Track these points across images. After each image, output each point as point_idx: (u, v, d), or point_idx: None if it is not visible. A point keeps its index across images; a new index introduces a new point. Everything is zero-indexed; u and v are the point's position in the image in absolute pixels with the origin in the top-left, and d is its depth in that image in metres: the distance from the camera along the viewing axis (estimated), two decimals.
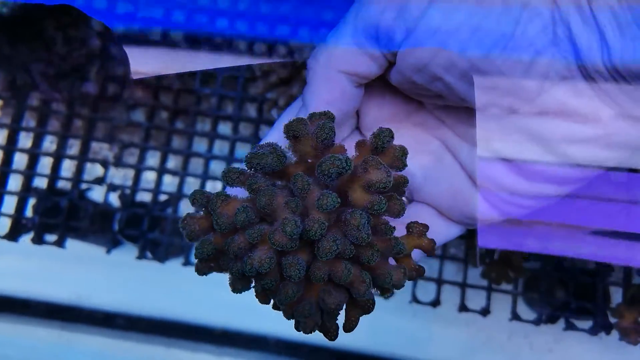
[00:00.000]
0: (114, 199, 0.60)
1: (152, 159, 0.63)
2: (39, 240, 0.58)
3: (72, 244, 0.58)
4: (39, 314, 0.59)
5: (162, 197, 0.60)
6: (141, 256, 0.57)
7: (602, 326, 0.52)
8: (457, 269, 0.59)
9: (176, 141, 0.63)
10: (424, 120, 0.32)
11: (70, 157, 0.61)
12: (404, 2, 0.26)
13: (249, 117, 0.62)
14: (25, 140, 0.62)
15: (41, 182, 0.61)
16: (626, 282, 0.54)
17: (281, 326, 0.61)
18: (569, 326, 0.54)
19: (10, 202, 0.59)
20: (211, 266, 0.25)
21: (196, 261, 0.25)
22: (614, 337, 0.51)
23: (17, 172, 0.60)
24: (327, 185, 0.23)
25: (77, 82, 0.59)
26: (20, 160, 0.62)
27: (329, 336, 0.25)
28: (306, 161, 0.24)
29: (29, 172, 0.61)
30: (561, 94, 0.24)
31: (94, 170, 0.62)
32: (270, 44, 0.54)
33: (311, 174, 0.24)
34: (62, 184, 0.62)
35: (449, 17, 0.25)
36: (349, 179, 0.24)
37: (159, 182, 0.60)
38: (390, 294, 0.26)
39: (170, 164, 0.62)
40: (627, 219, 0.35)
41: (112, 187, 0.60)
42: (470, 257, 0.57)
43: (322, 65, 0.28)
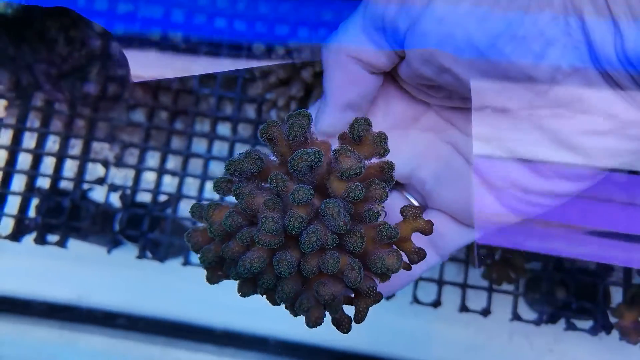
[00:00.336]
0: (115, 199, 0.60)
1: (152, 160, 0.63)
2: (41, 240, 0.58)
3: (73, 244, 0.59)
4: (39, 314, 0.59)
5: (162, 198, 0.61)
6: (141, 256, 0.57)
7: (602, 326, 0.52)
8: (457, 269, 0.58)
9: (175, 141, 0.63)
10: (432, 123, 0.32)
11: (72, 157, 0.62)
12: None
13: (248, 118, 0.62)
14: (29, 140, 0.63)
15: (44, 183, 0.61)
16: (626, 282, 0.54)
17: (281, 326, 0.61)
18: (570, 326, 0.54)
19: (13, 203, 0.60)
20: (220, 274, 0.26)
21: (206, 272, 0.26)
22: (614, 337, 0.50)
23: (21, 172, 0.61)
24: (304, 180, 0.24)
25: (78, 82, 0.59)
26: (24, 160, 0.62)
27: (341, 329, 0.26)
28: (286, 161, 0.25)
29: (33, 172, 0.61)
30: (574, 86, 0.24)
31: (95, 170, 0.62)
32: (269, 45, 0.54)
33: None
34: (65, 184, 0.62)
35: (454, 7, 0.24)
36: (326, 172, 0.24)
37: (158, 182, 0.61)
38: (387, 279, 0.26)
39: (169, 164, 0.63)
40: (628, 220, 0.35)
41: (112, 188, 0.60)
42: (470, 258, 0.57)
43: (334, 52, 0.28)
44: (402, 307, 0.57)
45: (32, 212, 0.60)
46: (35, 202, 0.60)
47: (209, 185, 0.61)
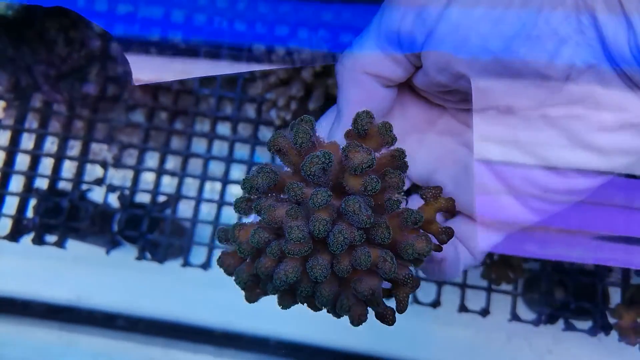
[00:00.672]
0: (113, 199, 0.60)
1: (151, 160, 0.63)
2: (39, 241, 0.58)
3: (71, 245, 0.58)
4: (38, 315, 0.59)
5: (161, 198, 0.60)
6: (140, 257, 0.57)
7: (601, 327, 0.52)
8: None
9: (175, 142, 0.63)
10: (448, 126, 0.32)
11: (70, 158, 0.61)
12: (423, 5, 0.26)
13: (248, 118, 0.62)
14: (27, 141, 0.63)
15: (42, 183, 0.61)
16: (625, 282, 0.54)
17: (282, 327, 0.61)
18: (568, 327, 0.54)
19: (11, 203, 0.60)
20: (258, 292, 0.26)
21: (244, 293, 0.27)
22: (613, 337, 0.50)
23: (19, 173, 0.61)
24: (320, 184, 0.24)
25: (77, 83, 0.59)
26: (22, 161, 0.62)
27: (386, 321, 0.25)
28: (299, 169, 0.25)
29: (31, 173, 0.61)
30: (588, 83, 0.24)
31: (93, 171, 0.62)
32: (269, 46, 0.54)
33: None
34: (63, 185, 0.62)
35: (468, 13, 0.25)
36: (340, 171, 0.24)
37: (157, 183, 0.60)
38: (421, 263, 0.26)
39: (169, 164, 0.62)
40: (626, 223, 0.35)
41: (111, 188, 0.60)
42: None
43: (349, 68, 0.29)
44: None
45: (30, 213, 0.60)
46: (33, 202, 0.60)
47: (209, 185, 0.61)
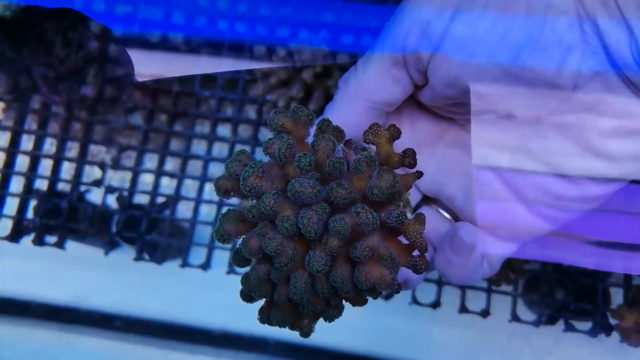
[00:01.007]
0: (112, 201, 0.60)
1: (150, 162, 0.63)
2: (39, 241, 0.58)
3: (70, 246, 0.58)
4: (37, 315, 0.59)
5: (160, 199, 0.60)
6: (139, 258, 0.57)
7: (602, 328, 0.52)
8: None
9: (174, 143, 0.63)
10: (457, 138, 0.32)
11: (69, 160, 0.62)
12: (427, 22, 0.26)
13: (248, 119, 0.62)
14: (26, 142, 0.63)
15: (42, 184, 0.61)
16: (627, 283, 0.54)
17: (281, 328, 0.61)
18: (569, 328, 0.54)
19: (12, 204, 0.60)
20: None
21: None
22: (614, 338, 0.50)
23: (19, 174, 0.61)
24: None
25: (75, 85, 0.59)
26: (22, 162, 0.62)
27: (419, 270, 0.25)
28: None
29: (31, 174, 0.61)
30: (595, 90, 0.24)
31: (92, 172, 0.62)
32: (270, 47, 0.54)
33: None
34: (62, 186, 0.62)
35: (473, 28, 0.25)
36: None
37: (156, 184, 0.60)
38: (399, 206, 0.26)
39: (168, 166, 0.62)
40: (627, 228, 0.35)
41: (110, 190, 0.60)
42: None
43: (350, 90, 0.29)
44: (401, 308, 0.57)
45: (30, 214, 0.60)
46: (33, 203, 0.60)
47: (209, 186, 0.61)
